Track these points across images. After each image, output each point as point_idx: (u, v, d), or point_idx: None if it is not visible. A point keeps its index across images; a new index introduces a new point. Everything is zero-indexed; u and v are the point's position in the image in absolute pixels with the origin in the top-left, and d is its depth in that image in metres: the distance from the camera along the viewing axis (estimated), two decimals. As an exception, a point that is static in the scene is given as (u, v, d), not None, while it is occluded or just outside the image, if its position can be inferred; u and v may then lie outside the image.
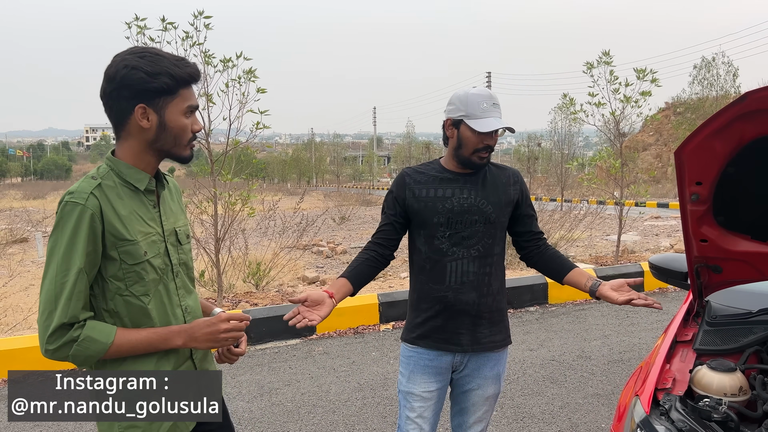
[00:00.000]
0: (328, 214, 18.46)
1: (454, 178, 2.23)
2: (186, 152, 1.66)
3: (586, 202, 20.69)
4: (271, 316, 5.69)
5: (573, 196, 25.32)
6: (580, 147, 46.96)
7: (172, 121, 1.59)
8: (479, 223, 2.19)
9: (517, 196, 2.27)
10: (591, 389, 4.35)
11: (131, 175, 1.61)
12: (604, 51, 7.56)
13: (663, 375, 2.12)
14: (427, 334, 2.25)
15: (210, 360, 1.83)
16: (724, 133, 1.97)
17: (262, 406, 4.19)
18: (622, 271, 7.32)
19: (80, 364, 1.53)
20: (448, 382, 2.31)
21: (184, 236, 1.77)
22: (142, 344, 1.57)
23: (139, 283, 1.58)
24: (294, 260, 9.76)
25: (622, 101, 7.77)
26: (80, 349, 1.50)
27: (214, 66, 6.04)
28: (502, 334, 2.30)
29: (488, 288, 2.22)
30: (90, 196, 1.51)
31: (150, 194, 1.66)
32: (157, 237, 1.65)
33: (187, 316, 1.72)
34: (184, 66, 1.58)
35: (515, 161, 45.91)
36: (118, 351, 1.54)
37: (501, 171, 2.29)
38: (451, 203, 2.19)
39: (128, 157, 1.61)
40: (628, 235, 12.34)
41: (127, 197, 1.59)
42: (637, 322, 6.02)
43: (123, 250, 1.55)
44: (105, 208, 1.53)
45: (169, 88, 1.56)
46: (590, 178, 8.89)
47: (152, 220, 1.65)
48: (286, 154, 72.67)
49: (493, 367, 2.29)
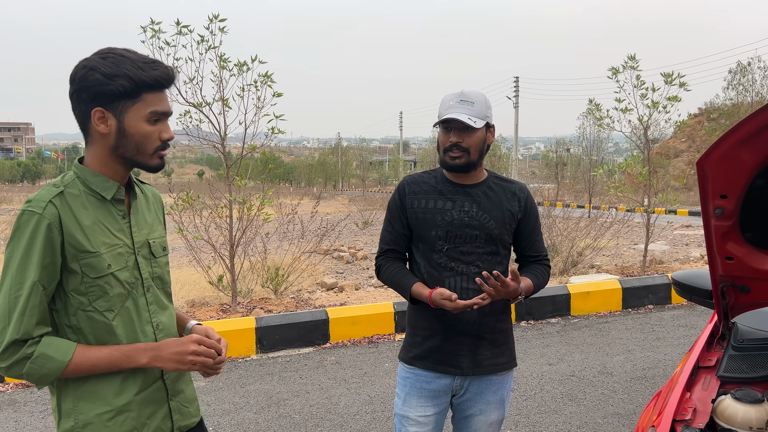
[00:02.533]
0: (350, 219, 18.41)
1: (455, 189, 2.10)
2: (152, 161, 1.54)
3: (614, 209, 20.27)
4: (284, 324, 5.60)
5: (601, 203, 24.86)
6: (610, 153, 46.26)
7: (132, 128, 1.48)
8: (479, 239, 2.06)
9: (521, 213, 2.13)
10: (611, 408, 4.14)
11: (97, 183, 1.51)
12: (629, 55, 7.33)
13: (682, 405, 1.95)
14: (425, 355, 2.12)
15: (185, 380, 1.71)
16: (752, 142, 1.79)
17: (269, 418, 4.09)
18: (648, 282, 7.06)
19: (36, 382, 1.44)
20: (446, 406, 2.17)
21: (159, 248, 1.66)
22: (103, 362, 1.46)
23: (102, 298, 1.48)
24: (313, 265, 9.69)
25: (649, 107, 7.52)
26: (34, 367, 1.40)
27: (230, 70, 5.99)
28: (505, 356, 2.16)
29: (490, 307, 2.07)
30: (48, 204, 1.42)
31: (119, 203, 1.56)
32: (124, 249, 1.54)
33: (158, 333, 1.60)
34: (150, 69, 1.46)
35: (543, 167, 45.39)
36: (77, 369, 1.44)
37: (507, 184, 2.16)
38: (451, 216, 2.06)
39: (94, 164, 1.52)
40: (656, 245, 11.99)
41: (92, 207, 1.50)
42: (663, 336, 5.78)
43: (84, 263, 1.45)
44: (65, 217, 1.43)
45: (128, 92, 1.45)
46: (617, 185, 8.62)
47: (120, 231, 1.54)
48: (312, 158, 73.10)
49: (497, 391, 2.15)
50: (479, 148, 2.04)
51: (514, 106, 45.13)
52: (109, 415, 1.50)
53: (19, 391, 4.62)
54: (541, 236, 2.23)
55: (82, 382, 1.49)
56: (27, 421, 4.10)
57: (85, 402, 1.50)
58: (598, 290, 6.84)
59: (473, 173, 2.11)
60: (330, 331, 5.73)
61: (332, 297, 7.48)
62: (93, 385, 1.49)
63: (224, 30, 5.88)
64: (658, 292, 7.02)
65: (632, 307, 6.89)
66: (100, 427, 1.50)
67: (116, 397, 1.51)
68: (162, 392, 1.61)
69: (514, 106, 45.16)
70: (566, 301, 6.66)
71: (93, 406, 1.50)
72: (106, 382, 1.50)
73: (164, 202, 1.90)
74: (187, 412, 1.70)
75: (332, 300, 7.12)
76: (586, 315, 6.64)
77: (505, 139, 46.84)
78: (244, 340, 5.42)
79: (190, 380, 1.75)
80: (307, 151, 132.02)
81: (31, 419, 4.12)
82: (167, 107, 1.54)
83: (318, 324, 5.70)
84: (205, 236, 6.73)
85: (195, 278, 8.75)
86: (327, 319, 5.74)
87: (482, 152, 2.07)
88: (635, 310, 6.83)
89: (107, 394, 1.50)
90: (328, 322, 5.73)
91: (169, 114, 1.56)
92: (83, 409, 1.50)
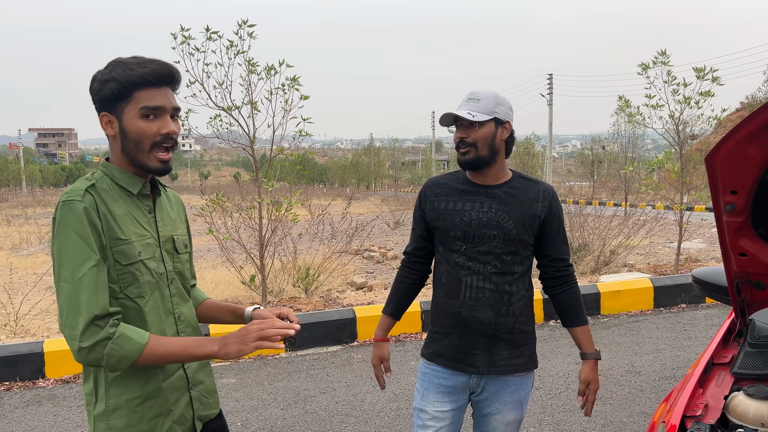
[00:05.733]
0: (381, 219, 18.49)
1: (476, 190, 2.12)
2: (151, 162, 1.57)
3: (651, 207, 19.87)
4: (313, 322, 5.69)
5: (637, 200, 24.39)
6: (648, 150, 45.27)
7: (128, 126, 1.55)
8: (497, 239, 2.07)
9: (543, 214, 2.11)
10: (638, 407, 4.11)
11: (124, 179, 1.59)
12: (660, 51, 7.20)
13: (694, 400, 1.95)
14: (442, 352, 2.16)
15: (206, 372, 1.80)
16: (759, 138, 1.78)
17: (296, 414, 4.18)
18: (680, 281, 6.93)
19: (112, 366, 1.46)
20: (464, 403, 2.20)
21: (181, 245, 1.74)
22: (177, 348, 1.50)
23: (133, 285, 1.55)
24: (344, 265, 9.78)
25: (681, 103, 7.37)
26: (115, 348, 1.43)
27: (258, 74, 6.12)
28: (523, 357, 2.15)
29: (507, 308, 2.09)
30: (85, 193, 1.51)
31: (145, 199, 1.64)
32: (152, 240, 1.62)
33: (179, 323, 1.69)
34: (138, 68, 1.52)
35: (579, 164, 44.72)
36: (151, 353, 1.47)
37: (530, 185, 2.14)
38: (469, 216, 2.08)
39: (120, 163, 1.61)
40: (692, 243, 11.74)
41: (122, 200, 1.58)
42: (695, 335, 5.68)
43: (117, 250, 1.52)
44: (100, 206, 1.52)
45: (120, 93, 1.53)
46: (648, 182, 8.47)
47: (147, 224, 1.62)
48: (345, 159, 73.46)
49: (514, 392, 2.15)
50: (487, 143, 2.04)
51: (548, 103, 44.58)
52: (137, 401, 1.58)
53: (59, 387, 4.82)
54: (565, 239, 2.20)
55: (124, 377, 1.56)
56: (65, 415, 4.28)
57: (115, 387, 1.57)
58: (628, 289, 6.75)
59: (491, 172, 2.11)
60: (357, 330, 5.80)
61: (361, 296, 7.55)
62: (123, 372, 1.56)
63: (253, 35, 6.01)
64: (691, 291, 6.88)
65: (664, 306, 6.79)
66: (129, 411, 1.58)
67: (145, 384, 1.59)
68: (183, 381, 1.69)
69: (548, 104, 44.61)
70: (596, 300, 6.60)
71: (123, 391, 1.57)
72: (135, 369, 1.57)
73: (196, 204, 1.98)
74: (207, 402, 1.78)
75: (360, 299, 7.19)
76: (617, 314, 6.57)
77: (540, 137, 46.33)
78: (273, 338, 5.52)
79: (211, 373, 1.83)
80: (340, 152, 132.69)
81: (70, 413, 4.30)
82: (162, 102, 1.56)
83: (345, 323, 5.78)
84: (236, 237, 6.88)
85: (229, 278, 8.93)
86: (354, 318, 5.81)
87: (493, 148, 2.06)
88: (667, 309, 6.73)
89: (136, 381, 1.58)
90: (355, 320, 5.80)
91: (165, 108, 1.57)
92: (113, 394, 1.57)
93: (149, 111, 1.54)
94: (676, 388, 2.16)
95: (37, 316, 7.07)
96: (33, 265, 12.23)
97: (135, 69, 1.52)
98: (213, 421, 1.81)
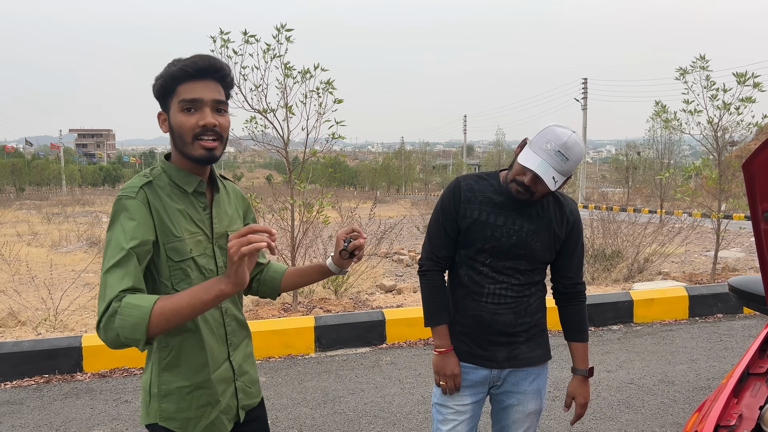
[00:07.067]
0: (411, 223, 18.47)
1: (509, 204, 2.08)
2: (195, 151, 1.58)
3: (687, 214, 19.43)
4: (342, 323, 5.74)
5: (673, 207, 23.89)
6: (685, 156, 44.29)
7: (173, 120, 1.59)
8: (524, 258, 2.10)
9: (565, 234, 2.14)
10: (671, 417, 4.04)
11: (180, 177, 1.64)
12: (699, 55, 7.07)
13: (728, 410, 1.92)
14: (463, 348, 2.19)
15: (250, 363, 1.84)
16: (799, 144, 1.76)
17: (325, 414, 4.22)
18: (717, 290, 6.78)
19: (128, 336, 1.39)
20: (483, 397, 2.23)
21: None
22: (185, 299, 1.40)
23: (184, 281, 1.60)
24: (373, 267, 9.82)
25: (720, 108, 7.22)
26: (122, 318, 1.38)
27: (293, 77, 6.20)
28: (541, 349, 2.22)
29: (527, 309, 2.15)
30: (140, 190, 1.56)
31: (200, 196, 1.68)
32: (203, 237, 1.66)
33: (226, 317, 1.73)
34: (180, 62, 1.56)
35: (613, 170, 44.02)
36: (161, 313, 1.39)
37: (558, 205, 2.13)
38: (501, 233, 2.07)
39: (176, 160, 1.66)
40: (730, 252, 11.46)
41: (176, 197, 1.62)
42: (731, 346, 5.55)
43: (170, 246, 1.57)
44: (153, 202, 1.57)
45: (165, 89, 1.58)
46: (685, 189, 8.31)
47: (201, 222, 1.66)
48: (376, 162, 73.63)
49: (533, 381, 2.20)
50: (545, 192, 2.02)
51: (582, 108, 44.01)
52: (187, 389, 1.65)
53: (96, 381, 4.95)
54: (581, 259, 2.20)
55: (166, 354, 1.63)
56: (102, 408, 4.40)
57: (167, 373, 1.64)
58: (662, 297, 6.63)
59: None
60: (386, 332, 5.83)
61: (390, 299, 7.58)
62: (176, 359, 1.63)
63: (290, 39, 6.10)
64: (728, 301, 6.72)
65: (699, 315, 6.65)
66: (179, 399, 1.65)
67: (195, 374, 1.65)
68: (229, 372, 1.74)
69: (582, 108, 44.04)
70: (629, 307, 6.50)
71: (175, 379, 1.64)
72: (187, 357, 1.63)
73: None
74: (250, 392, 1.83)
75: (389, 302, 7.22)
76: (650, 322, 6.46)
77: (573, 143, 45.66)
78: (303, 338, 5.59)
79: (254, 363, 1.88)
80: (371, 155, 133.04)
81: (106, 407, 4.42)
82: (199, 94, 1.56)
83: (375, 325, 5.81)
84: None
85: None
86: (383, 320, 5.84)
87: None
88: (703, 318, 6.59)
89: (188, 371, 1.64)
90: (384, 323, 5.83)
91: (203, 100, 1.56)
92: (165, 380, 1.64)
93: (187, 104, 1.55)
94: (709, 398, 2.13)
95: (75, 312, 7.27)
96: (72, 262, 12.57)
97: (176, 64, 1.56)
98: (254, 410, 1.87)
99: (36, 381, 4.95)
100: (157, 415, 1.65)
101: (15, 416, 4.27)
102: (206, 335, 1.66)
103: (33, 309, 7.29)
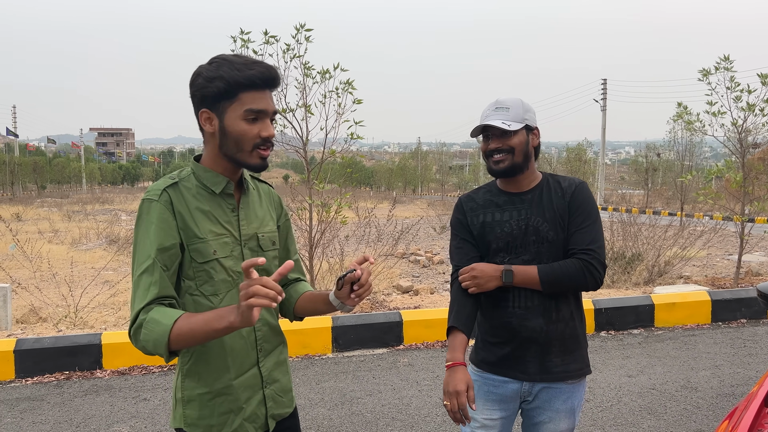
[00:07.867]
0: (427, 223, 18.43)
1: (510, 199, 2.10)
2: (252, 160, 1.60)
3: (709, 217, 19.16)
4: (359, 324, 5.73)
5: (694, 210, 23.57)
6: (707, 158, 43.69)
7: (230, 126, 1.57)
8: (537, 243, 2.03)
9: (566, 205, 2.05)
10: (693, 424, 3.96)
11: (208, 178, 1.63)
12: (723, 56, 6.95)
13: (759, 419, 1.87)
14: (492, 360, 2.13)
15: (282, 370, 1.80)
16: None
17: (342, 415, 4.21)
18: (741, 295, 6.66)
19: (152, 350, 1.46)
20: (514, 412, 2.16)
21: (268, 242, 1.74)
22: (199, 323, 1.43)
23: (208, 283, 1.59)
24: (389, 268, 9.80)
25: (744, 110, 7.10)
26: (146, 332, 1.45)
27: (313, 77, 6.20)
28: (577, 363, 2.10)
29: (557, 313, 2.05)
30: (163, 192, 1.56)
31: (229, 197, 1.66)
32: (230, 239, 1.64)
33: (257, 322, 1.67)
34: (246, 69, 1.53)
35: (632, 172, 43.60)
36: (179, 333, 1.43)
37: (557, 183, 2.11)
38: (510, 227, 2.06)
39: (207, 161, 1.65)
40: (753, 255, 11.26)
41: (203, 198, 1.61)
42: (756, 352, 5.45)
43: (193, 248, 1.57)
44: (177, 204, 1.56)
45: (225, 92, 1.54)
46: (707, 192, 8.18)
47: (228, 223, 1.64)
48: (393, 162, 73.64)
49: (567, 400, 2.10)
50: (522, 150, 2.04)
51: (601, 109, 43.63)
52: (208, 396, 1.63)
53: (115, 378, 4.99)
54: (590, 228, 2.04)
55: (186, 360, 1.63)
56: (121, 405, 4.42)
57: (189, 380, 1.64)
58: (684, 301, 6.53)
59: (523, 178, 2.10)
60: (403, 333, 5.80)
61: (407, 300, 7.55)
62: (195, 365, 1.62)
63: (310, 39, 6.10)
64: (752, 306, 6.61)
65: (722, 320, 6.53)
66: (201, 405, 1.63)
67: (215, 381, 1.63)
68: (257, 379, 1.70)
69: (601, 109, 43.66)
70: (650, 311, 6.41)
71: (196, 385, 1.63)
72: (206, 364, 1.62)
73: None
74: (281, 401, 1.78)
75: (407, 303, 7.19)
76: (672, 327, 6.36)
77: (592, 144, 45.36)
78: (320, 338, 5.59)
79: (288, 371, 1.84)
80: (387, 155, 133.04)
81: (125, 404, 4.45)
82: (265, 105, 1.57)
83: (392, 326, 5.79)
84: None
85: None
86: (401, 321, 5.81)
87: (527, 154, 2.06)
88: (726, 323, 6.47)
89: (208, 378, 1.62)
90: (401, 324, 5.80)
91: (267, 112, 1.59)
92: (188, 386, 1.64)
93: (254, 114, 1.56)
94: (739, 406, 2.08)
95: (95, 309, 7.34)
96: (92, 259, 12.71)
97: (242, 70, 1.53)
98: (286, 420, 1.81)
99: (56, 377, 5.00)
100: (181, 421, 1.65)
101: (36, 412, 4.31)
102: (230, 340, 1.64)
103: (54, 306, 7.38)
